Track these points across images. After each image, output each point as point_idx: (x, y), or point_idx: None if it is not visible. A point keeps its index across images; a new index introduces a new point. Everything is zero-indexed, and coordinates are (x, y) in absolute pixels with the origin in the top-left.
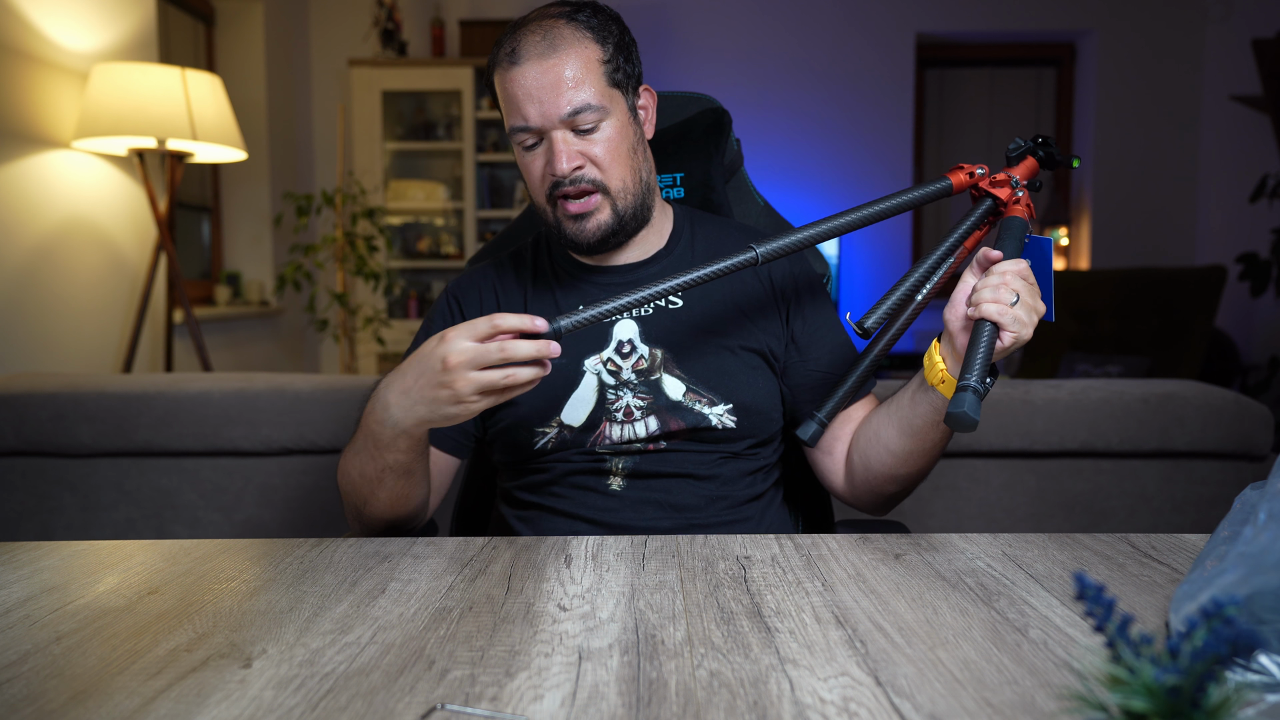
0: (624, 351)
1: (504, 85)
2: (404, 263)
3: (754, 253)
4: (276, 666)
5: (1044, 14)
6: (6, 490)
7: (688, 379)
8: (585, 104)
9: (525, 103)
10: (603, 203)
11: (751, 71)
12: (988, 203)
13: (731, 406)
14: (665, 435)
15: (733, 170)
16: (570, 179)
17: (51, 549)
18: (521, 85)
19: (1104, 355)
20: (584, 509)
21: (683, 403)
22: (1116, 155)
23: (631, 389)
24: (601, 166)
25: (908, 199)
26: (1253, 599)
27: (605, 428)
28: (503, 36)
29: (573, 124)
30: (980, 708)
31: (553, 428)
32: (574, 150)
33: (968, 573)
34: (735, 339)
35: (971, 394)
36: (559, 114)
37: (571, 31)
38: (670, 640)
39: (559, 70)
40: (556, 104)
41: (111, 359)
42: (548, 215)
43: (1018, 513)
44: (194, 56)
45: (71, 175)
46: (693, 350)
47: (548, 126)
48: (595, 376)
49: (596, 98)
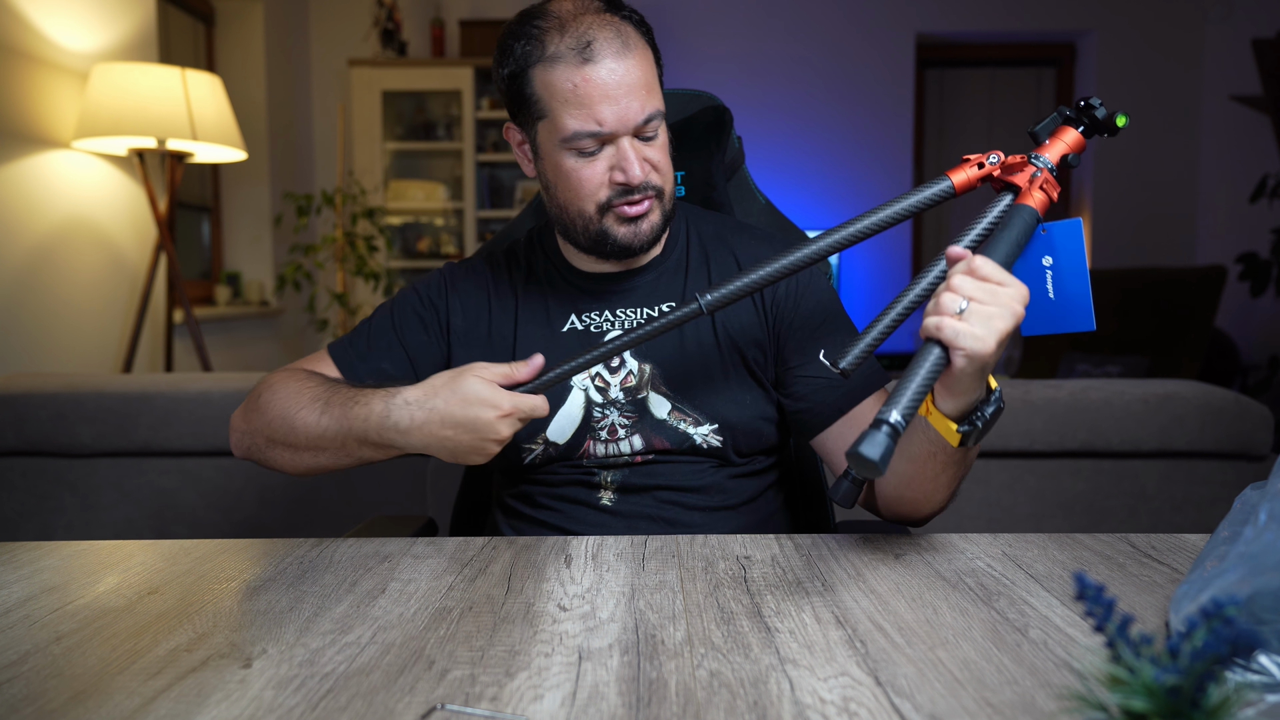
0: (613, 366)
1: (569, 83)
2: (404, 263)
3: (698, 304)
4: (276, 666)
5: (1044, 14)
6: (6, 490)
7: (674, 397)
8: (658, 110)
9: (600, 105)
10: (655, 206)
11: (751, 71)
12: (1008, 196)
13: (717, 426)
14: (649, 452)
15: (734, 168)
16: (640, 186)
17: (51, 549)
18: (597, 85)
19: (1104, 355)
20: (575, 524)
21: (667, 421)
22: (1116, 155)
23: (618, 408)
24: (661, 172)
25: (895, 211)
26: (1253, 599)
27: (590, 445)
28: (537, 28)
29: (642, 131)
30: (980, 708)
31: (539, 444)
32: (643, 157)
33: (968, 573)
34: (725, 356)
35: (884, 432)
36: (637, 120)
37: (635, 32)
38: (670, 640)
39: (637, 73)
40: (635, 110)
41: (111, 359)
42: (590, 224)
43: (1018, 513)
44: (194, 56)
45: (71, 175)
46: (681, 366)
47: (621, 132)
48: (583, 393)
49: (661, 103)
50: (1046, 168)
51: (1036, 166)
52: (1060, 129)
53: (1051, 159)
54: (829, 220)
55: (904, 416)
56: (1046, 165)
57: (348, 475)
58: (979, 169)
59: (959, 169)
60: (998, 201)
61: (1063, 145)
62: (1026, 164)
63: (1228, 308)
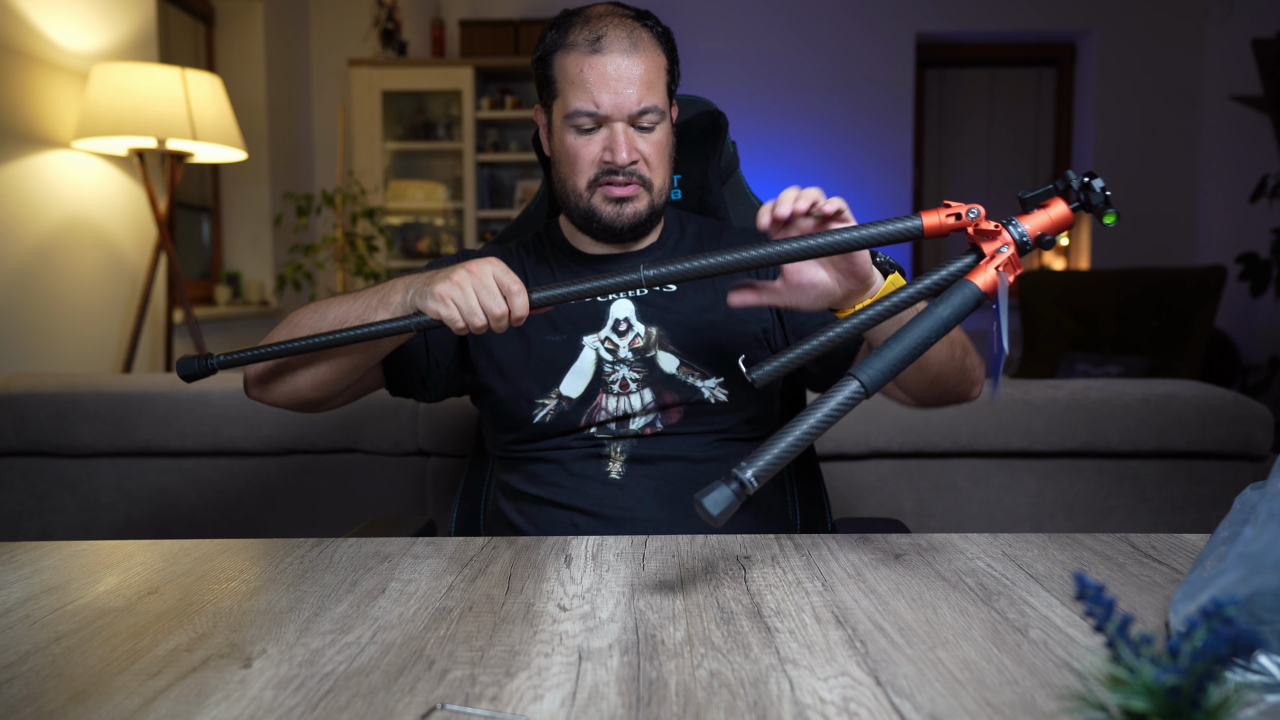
0: (621, 330)
1: (578, 67)
2: (404, 263)
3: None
4: (276, 666)
5: (1044, 14)
6: (6, 490)
7: (681, 354)
8: (653, 105)
9: (599, 89)
10: (643, 194)
11: (751, 71)
12: (968, 259)
13: (723, 380)
14: (660, 408)
15: (729, 172)
16: (625, 170)
17: (51, 549)
18: (600, 72)
19: (1104, 355)
20: (583, 499)
21: (676, 375)
22: (1116, 155)
23: (628, 364)
24: (651, 165)
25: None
26: (1253, 599)
27: (602, 399)
28: (568, 21)
29: (636, 121)
30: (980, 708)
31: (551, 399)
32: (634, 144)
33: (968, 573)
34: (728, 319)
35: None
36: (631, 108)
37: (649, 37)
38: (670, 640)
39: (638, 69)
40: (631, 99)
41: (111, 359)
42: (581, 199)
43: (1018, 513)
44: (194, 56)
45: (71, 175)
46: (686, 329)
47: (615, 117)
48: (594, 352)
49: (661, 102)
50: (1016, 244)
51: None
52: (1051, 200)
53: (1029, 231)
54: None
55: (756, 477)
56: (1020, 240)
57: (348, 475)
58: (954, 220)
59: (935, 211)
60: (957, 260)
61: (1046, 219)
62: (1000, 232)
63: (1228, 308)
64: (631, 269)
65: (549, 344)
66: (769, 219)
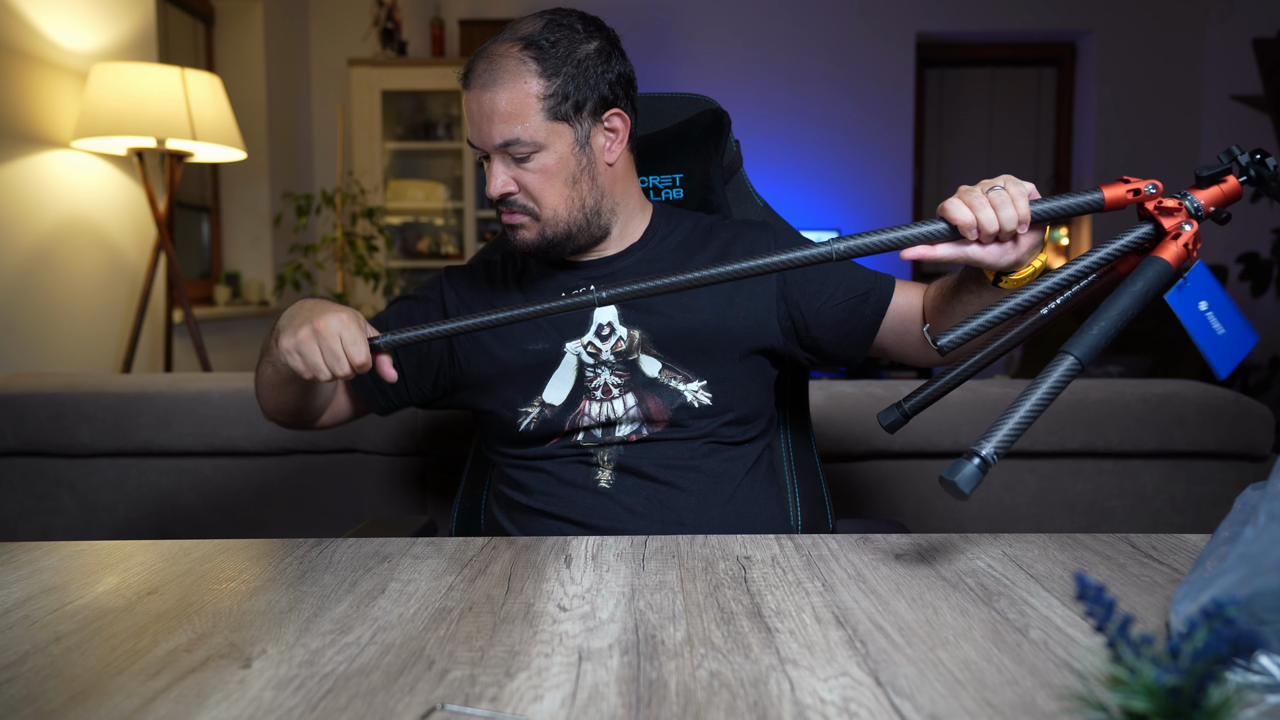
0: (603, 334)
1: (463, 103)
2: (404, 263)
3: (593, 295)
4: (276, 667)
5: (1044, 14)
6: (6, 490)
7: (664, 357)
8: (515, 138)
9: (470, 124)
10: (530, 223)
11: (751, 71)
12: (1147, 227)
13: (706, 383)
14: (645, 415)
15: (732, 171)
16: (503, 201)
17: (51, 549)
18: (469, 108)
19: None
20: (572, 509)
21: (658, 379)
22: (1117, 155)
23: (609, 368)
24: (532, 194)
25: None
26: (1253, 600)
27: (585, 405)
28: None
29: (505, 153)
30: (980, 708)
31: (535, 407)
32: (508, 176)
33: (968, 573)
34: (713, 320)
35: (973, 463)
36: (491, 143)
37: (515, 65)
38: (670, 640)
39: (494, 104)
40: (490, 133)
41: (111, 359)
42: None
43: (1018, 513)
44: (193, 56)
45: (71, 175)
46: (669, 331)
47: (486, 149)
48: (575, 357)
49: (529, 133)
50: (1197, 221)
51: (1189, 214)
52: (1225, 177)
53: (1204, 205)
54: (828, 220)
55: (995, 452)
56: (1196, 214)
57: (348, 475)
58: (1132, 195)
59: (1115, 185)
60: (1137, 228)
61: (1218, 192)
62: (1180, 207)
63: None
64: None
65: (531, 352)
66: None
